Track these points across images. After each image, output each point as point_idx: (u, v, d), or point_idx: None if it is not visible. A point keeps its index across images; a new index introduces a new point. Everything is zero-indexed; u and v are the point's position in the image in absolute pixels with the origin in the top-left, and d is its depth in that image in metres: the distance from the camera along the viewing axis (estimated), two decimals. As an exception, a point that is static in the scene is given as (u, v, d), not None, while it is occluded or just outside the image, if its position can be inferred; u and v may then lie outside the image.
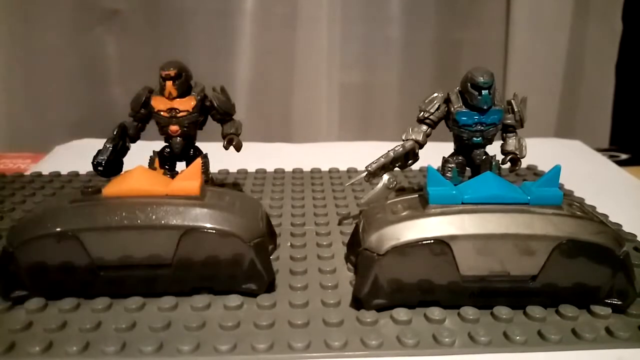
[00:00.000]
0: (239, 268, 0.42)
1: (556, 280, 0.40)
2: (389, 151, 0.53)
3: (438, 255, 0.39)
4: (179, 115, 0.52)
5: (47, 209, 0.43)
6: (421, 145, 0.53)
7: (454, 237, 0.39)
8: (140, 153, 0.54)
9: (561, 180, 0.45)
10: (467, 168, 0.53)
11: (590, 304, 0.41)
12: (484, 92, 0.49)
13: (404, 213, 0.42)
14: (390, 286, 0.40)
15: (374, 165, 0.53)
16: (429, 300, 0.41)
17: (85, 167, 0.69)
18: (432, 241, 0.39)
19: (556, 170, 0.43)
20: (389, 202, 0.46)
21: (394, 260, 0.40)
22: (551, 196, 0.42)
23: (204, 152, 0.56)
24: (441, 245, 0.39)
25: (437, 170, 0.45)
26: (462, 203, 0.42)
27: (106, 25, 1.06)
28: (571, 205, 0.43)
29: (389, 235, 0.40)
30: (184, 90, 0.52)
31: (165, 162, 0.55)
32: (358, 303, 0.41)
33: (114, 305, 0.42)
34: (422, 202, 0.43)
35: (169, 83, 0.51)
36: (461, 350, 0.37)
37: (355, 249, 0.45)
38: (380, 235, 0.40)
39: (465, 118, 0.50)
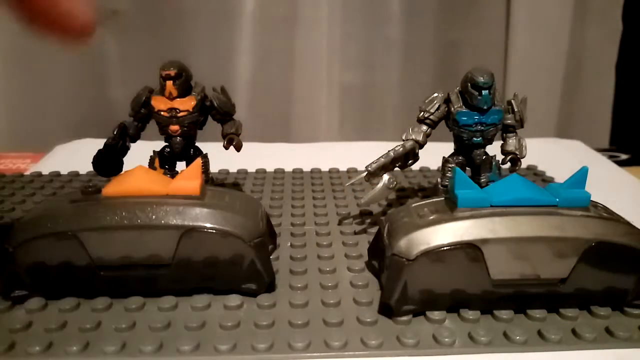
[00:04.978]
0: (239, 268, 0.42)
1: (586, 283, 0.40)
2: (389, 151, 0.53)
3: (469, 259, 0.39)
4: (179, 115, 0.52)
5: (47, 209, 0.43)
6: (421, 145, 0.53)
7: (485, 241, 0.38)
8: (140, 153, 0.54)
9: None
10: (467, 168, 0.53)
11: (620, 306, 0.41)
12: (484, 92, 0.49)
13: (432, 217, 0.41)
14: (421, 292, 0.39)
15: (374, 165, 0.53)
16: (459, 305, 0.40)
17: (85, 167, 0.69)
18: (463, 245, 0.38)
19: (583, 171, 0.42)
20: (413, 205, 0.44)
21: (424, 265, 0.39)
22: (579, 198, 0.41)
23: (204, 152, 0.56)
24: (472, 249, 0.38)
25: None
26: (491, 206, 0.41)
27: (106, 25, 1.06)
28: (597, 207, 0.43)
29: (418, 239, 0.39)
30: (184, 90, 0.52)
31: (165, 162, 0.55)
32: (388, 310, 0.40)
33: (114, 305, 0.42)
34: (449, 205, 0.42)
35: (169, 83, 0.51)
36: (461, 350, 0.37)
37: (379, 255, 0.44)
38: (410, 240, 0.39)
39: (465, 118, 0.50)
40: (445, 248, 0.39)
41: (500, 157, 0.53)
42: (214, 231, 0.41)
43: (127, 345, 0.37)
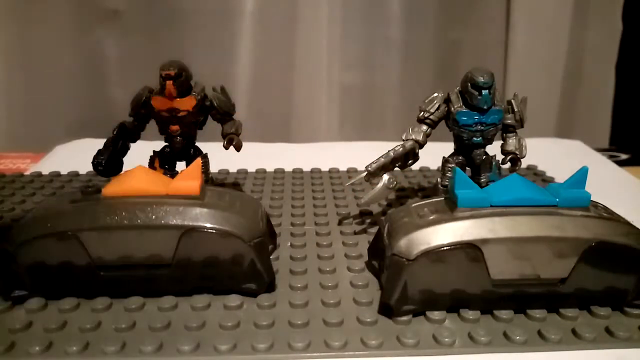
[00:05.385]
0: (239, 268, 0.42)
1: (586, 283, 0.40)
2: (389, 151, 0.53)
3: (469, 259, 0.39)
4: (179, 115, 0.52)
5: (47, 209, 0.43)
6: (421, 145, 0.53)
7: (485, 241, 0.38)
8: (140, 153, 0.54)
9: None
10: (467, 168, 0.53)
11: (620, 306, 0.41)
12: (484, 92, 0.49)
13: (432, 217, 0.41)
14: (421, 292, 0.39)
15: (374, 165, 0.53)
16: (458, 305, 0.40)
17: (85, 167, 0.69)
18: (463, 245, 0.38)
19: (583, 171, 0.42)
20: (413, 205, 0.44)
21: (424, 265, 0.39)
22: (579, 198, 0.41)
23: (204, 152, 0.56)
24: (472, 249, 0.38)
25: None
26: (491, 206, 0.41)
27: (106, 25, 1.06)
28: (597, 207, 0.43)
29: (418, 239, 0.39)
30: (184, 90, 0.52)
31: (165, 162, 0.55)
32: (388, 310, 0.40)
33: (114, 305, 0.42)
34: (449, 205, 0.42)
35: (169, 83, 0.51)
36: (461, 350, 0.37)
37: (379, 255, 0.44)
38: (410, 240, 0.39)
39: (465, 118, 0.50)
40: (445, 248, 0.39)
41: (500, 157, 0.53)
42: (214, 231, 0.41)
43: (127, 345, 0.37)
